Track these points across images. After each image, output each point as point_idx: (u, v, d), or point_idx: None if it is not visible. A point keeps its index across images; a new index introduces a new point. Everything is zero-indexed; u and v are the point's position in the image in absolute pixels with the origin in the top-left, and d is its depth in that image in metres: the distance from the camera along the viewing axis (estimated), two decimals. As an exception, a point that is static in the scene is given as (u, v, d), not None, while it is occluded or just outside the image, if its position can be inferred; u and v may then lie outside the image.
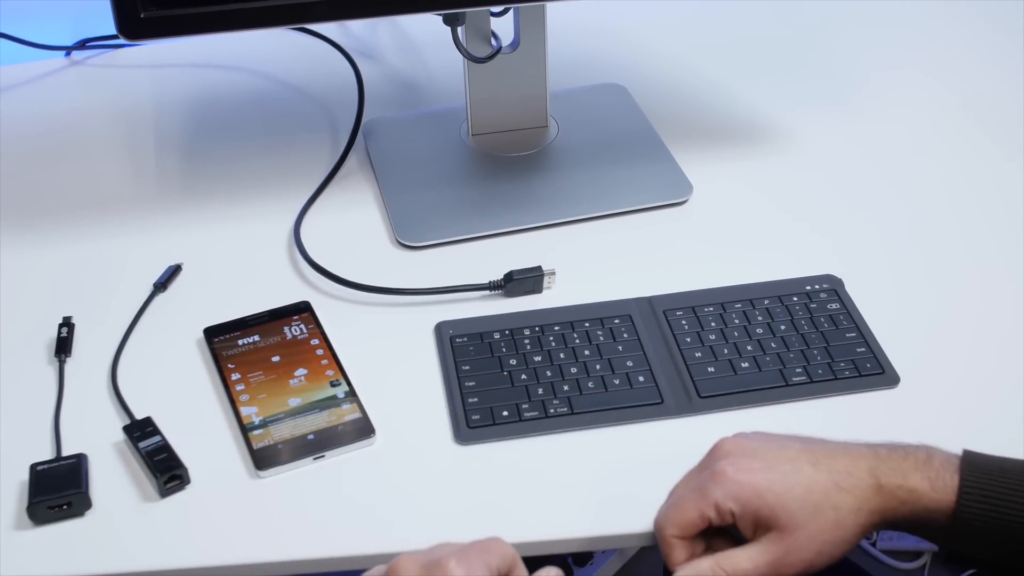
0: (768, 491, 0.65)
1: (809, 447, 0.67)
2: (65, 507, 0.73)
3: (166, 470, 0.74)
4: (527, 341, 0.84)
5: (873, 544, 1.51)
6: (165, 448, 0.76)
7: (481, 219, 0.96)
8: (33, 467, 0.75)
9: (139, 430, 0.77)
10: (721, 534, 0.68)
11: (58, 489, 0.73)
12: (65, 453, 0.77)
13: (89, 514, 0.74)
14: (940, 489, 0.65)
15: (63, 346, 0.85)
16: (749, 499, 0.65)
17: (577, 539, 0.72)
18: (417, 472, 0.76)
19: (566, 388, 0.80)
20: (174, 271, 0.92)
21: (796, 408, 0.80)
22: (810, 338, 0.83)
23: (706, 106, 1.11)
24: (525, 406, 0.79)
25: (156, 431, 0.77)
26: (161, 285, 0.90)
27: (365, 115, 1.08)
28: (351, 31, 1.24)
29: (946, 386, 0.81)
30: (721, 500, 0.65)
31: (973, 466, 0.65)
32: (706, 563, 0.65)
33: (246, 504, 0.74)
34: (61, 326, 0.86)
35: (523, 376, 0.81)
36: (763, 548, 0.65)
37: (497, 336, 0.84)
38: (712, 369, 0.81)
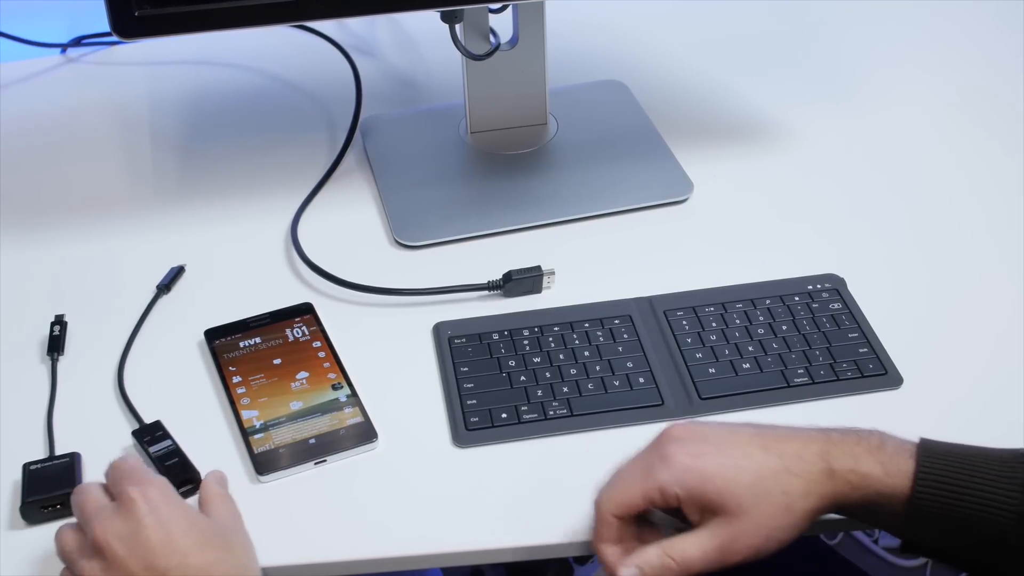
0: (716, 476, 0.64)
1: (760, 432, 0.67)
2: (58, 507, 0.73)
3: (179, 475, 0.73)
4: (526, 342, 0.83)
5: (875, 542, 1.50)
6: (177, 453, 0.75)
7: (480, 218, 0.95)
8: (26, 467, 0.74)
9: (149, 434, 0.77)
10: (647, 522, 0.68)
11: (51, 488, 0.73)
12: (62, 452, 0.76)
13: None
14: (894, 474, 0.64)
15: (55, 344, 0.84)
16: (696, 484, 0.64)
17: (577, 543, 0.71)
18: (416, 476, 0.75)
19: (565, 390, 0.80)
20: (177, 272, 0.91)
21: (798, 409, 0.79)
22: (812, 339, 0.82)
23: (707, 103, 1.11)
24: (524, 408, 0.78)
25: (167, 435, 0.77)
26: (165, 287, 0.90)
27: (363, 113, 1.08)
28: (349, 28, 1.23)
29: (950, 387, 0.80)
30: (667, 484, 0.65)
31: (929, 451, 0.65)
32: (653, 551, 0.65)
33: (246, 508, 0.73)
34: (53, 324, 0.86)
35: (522, 377, 0.80)
36: (711, 534, 0.64)
37: (496, 337, 0.83)
38: (713, 370, 0.81)
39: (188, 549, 0.63)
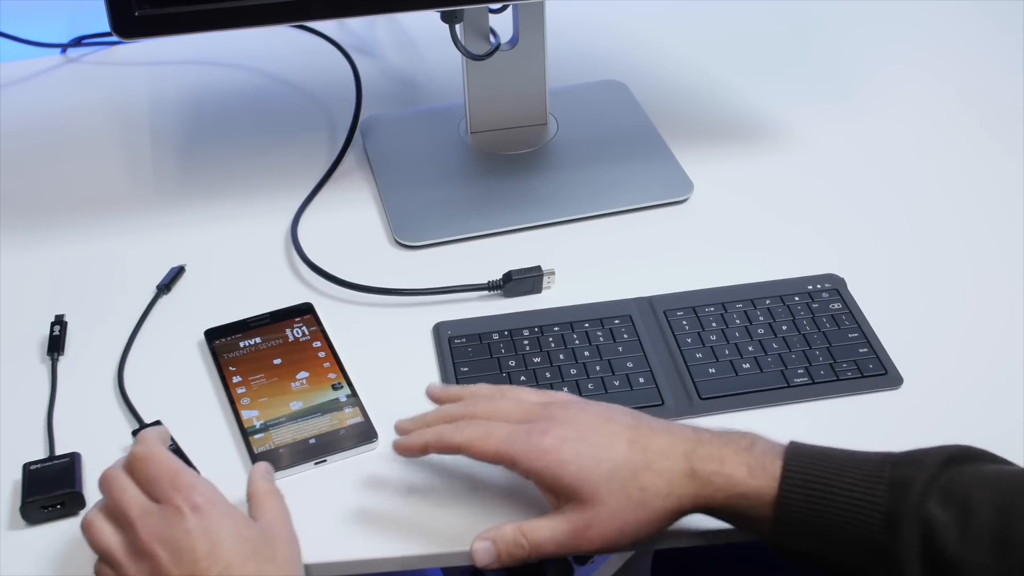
0: (572, 462, 0.65)
1: (635, 424, 0.67)
2: (59, 507, 0.73)
3: None
4: (526, 342, 0.83)
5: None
6: (177, 453, 0.75)
7: (480, 218, 0.95)
8: (26, 467, 0.74)
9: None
10: None
11: (51, 488, 0.73)
12: (62, 452, 0.76)
13: (84, 514, 0.73)
14: (759, 475, 0.63)
15: (55, 344, 0.84)
16: (548, 466, 0.65)
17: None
18: (416, 476, 0.75)
19: (565, 389, 0.79)
20: (177, 273, 0.91)
21: (798, 410, 0.79)
22: (812, 339, 0.82)
23: (707, 103, 1.11)
24: (524, 408, 0.78)
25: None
26: (165, 287, 0.90)
27: (363, 113, 1.08)
28: (349, 28, 1.23)
29: (950, 387, 0.80)
30: (521, 459, 0.66)
31: (797, 453, 0.64)
32: (508, 528, 0.67)
33: (245, 509, 0.73)
34: (53, 324, 0.86)
35: (522, 378, 0.80)
36: (564, 519, 0.65)
37: (496, 337, 0.83)
38: (713, 370, 0.81)
39: (231, 559, 0.62)
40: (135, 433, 0.77)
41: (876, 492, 0.61)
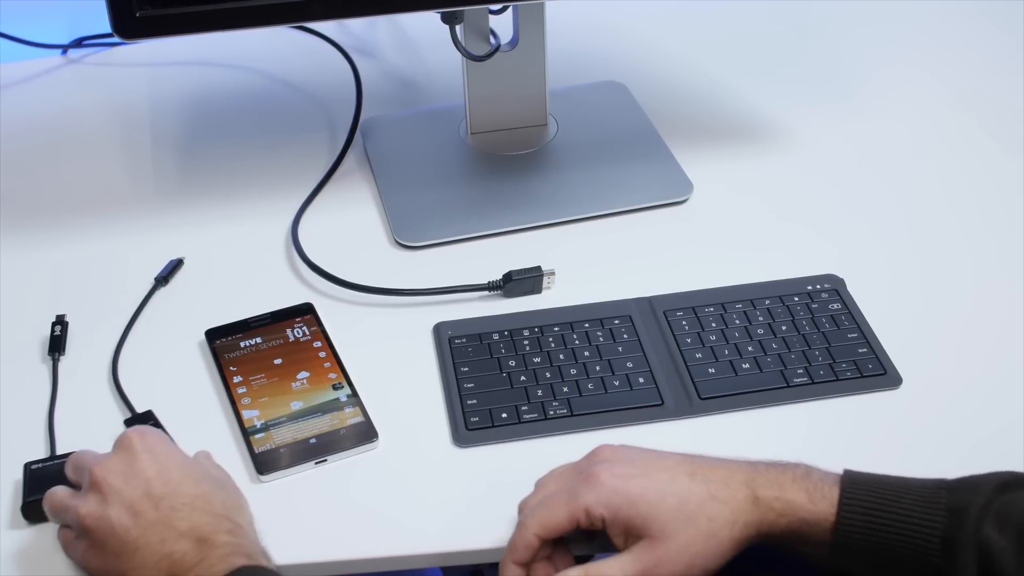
0: (641, 499, 0.64)
1: (687, 458, 0.67)
2: (60, 506, 0.73)
3: None
4: (526, 342, 0.83)
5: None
6: None
7: (480, 218, 0.95)
8: (27, 466, 0.74)
9: (140, 423, 0.77)
10: (561, 542, 0.68)
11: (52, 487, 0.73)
12: (63, 452, 0.76)
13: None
14: (818, 501, 0.64)
15: (56, 344, 0.84)
16: (620, 506, 0.64)
17: (577, 543, 0.71)
18: (416, 476, 0.75)
19: (565, 390, 0.80)
20: (176, 265, 0.91)
21: (798, 410, 0.79)
22: (811, 339, 0.82)
23: (707, 104, 1.11)
24: (524, 408, 0.79)
25: (158, 424, 0.77)
26: (163, 279, 0.90)
27: (363, 113, 1.08)
28: (349, 29, 1.23)
29: (949, 387, 0.80)
30: (592, 505, 0.65)
31: (853, 480, 0.65)
32: (575, 572, 0.65)
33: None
34: (54, 324, 0.86)
35: (522, 377, 0.81)
36: (633, 558, 0.64)
37: (496, 337, 0.84)
38: (713, 370, 0.81)
39: (182, 480, 0.67)
40: (127, 422, 0.78)
41: (934, 518, 0.62)
